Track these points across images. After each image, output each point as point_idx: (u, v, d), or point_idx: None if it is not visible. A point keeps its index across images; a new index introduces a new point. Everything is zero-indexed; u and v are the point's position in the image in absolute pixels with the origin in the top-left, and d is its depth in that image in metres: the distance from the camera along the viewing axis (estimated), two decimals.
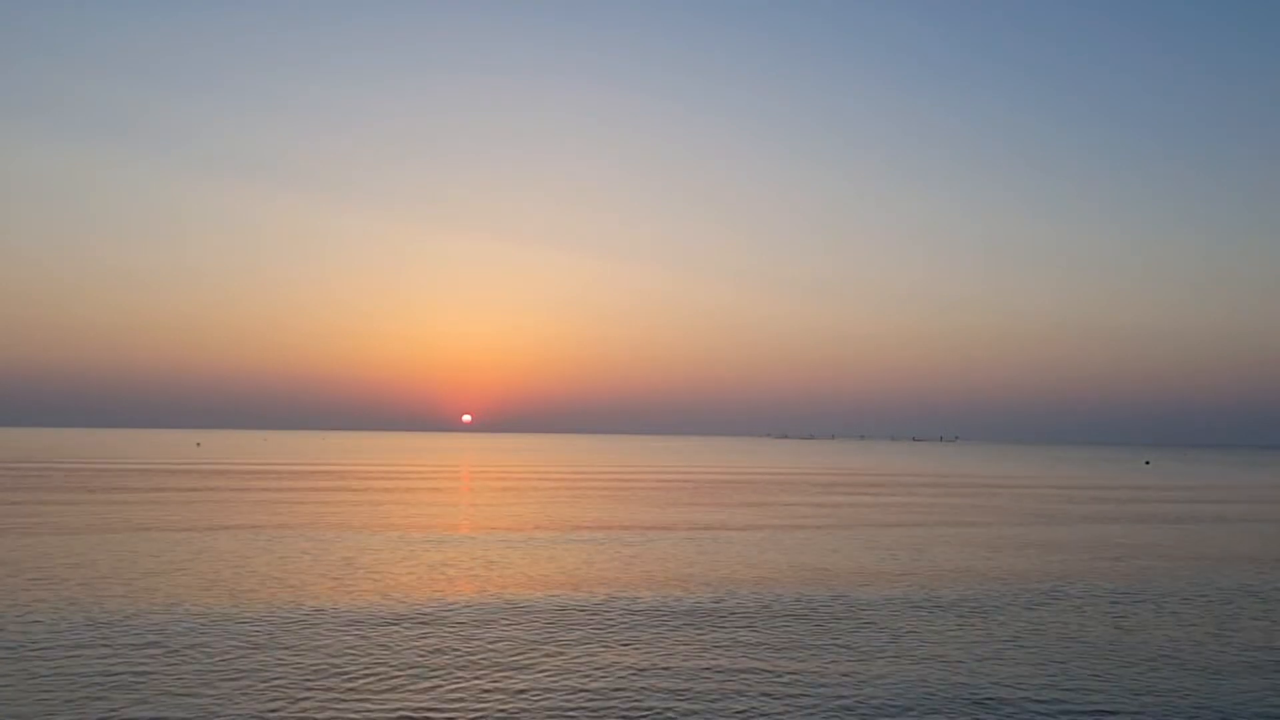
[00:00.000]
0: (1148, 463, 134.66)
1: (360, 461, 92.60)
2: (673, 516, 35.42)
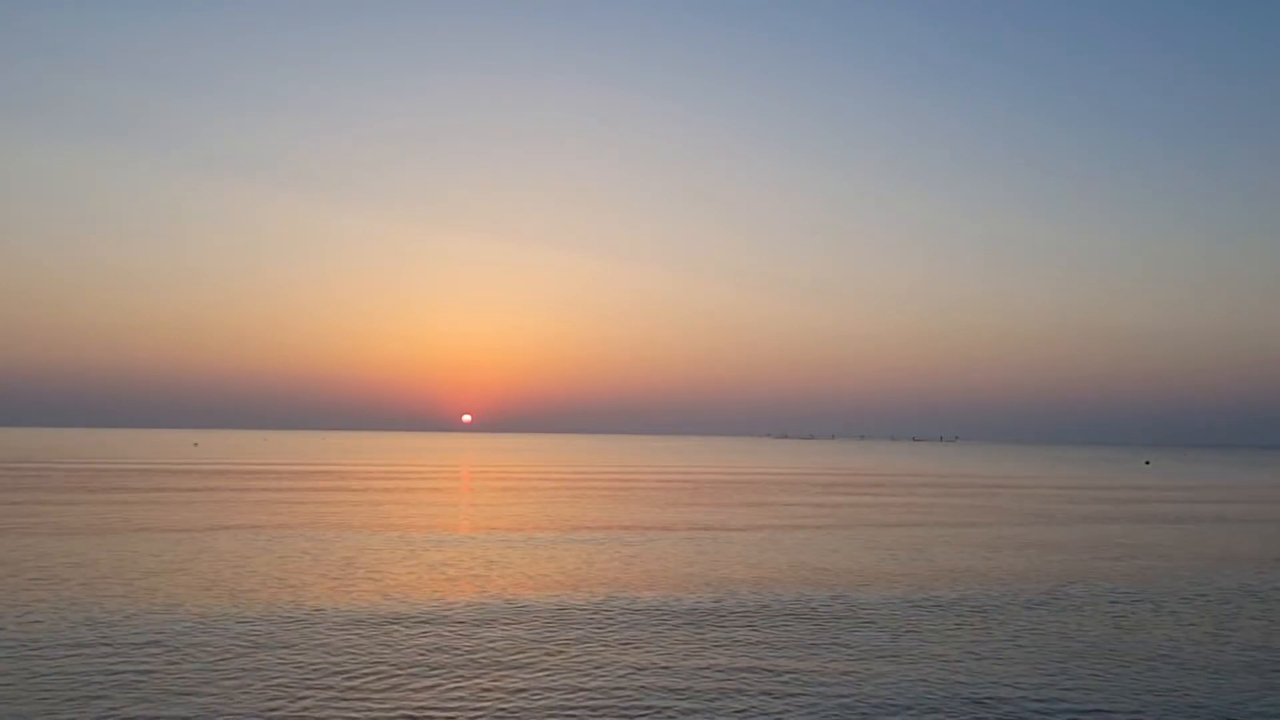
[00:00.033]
0: (1148, 463, 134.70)
1: (360, 461, 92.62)
2: (673, 516, 35.44)
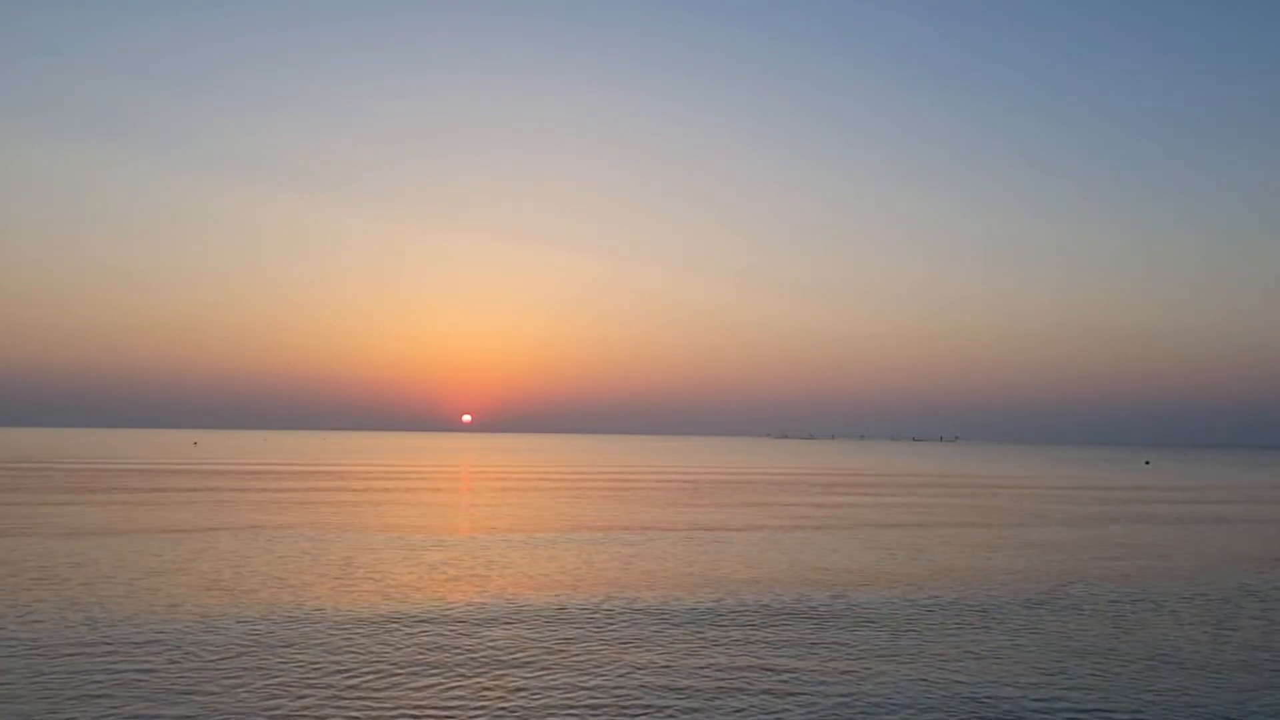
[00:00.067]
0: (1148, 463, 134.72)
1: (360, 461, 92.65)
2: (673, 517, 35.46)
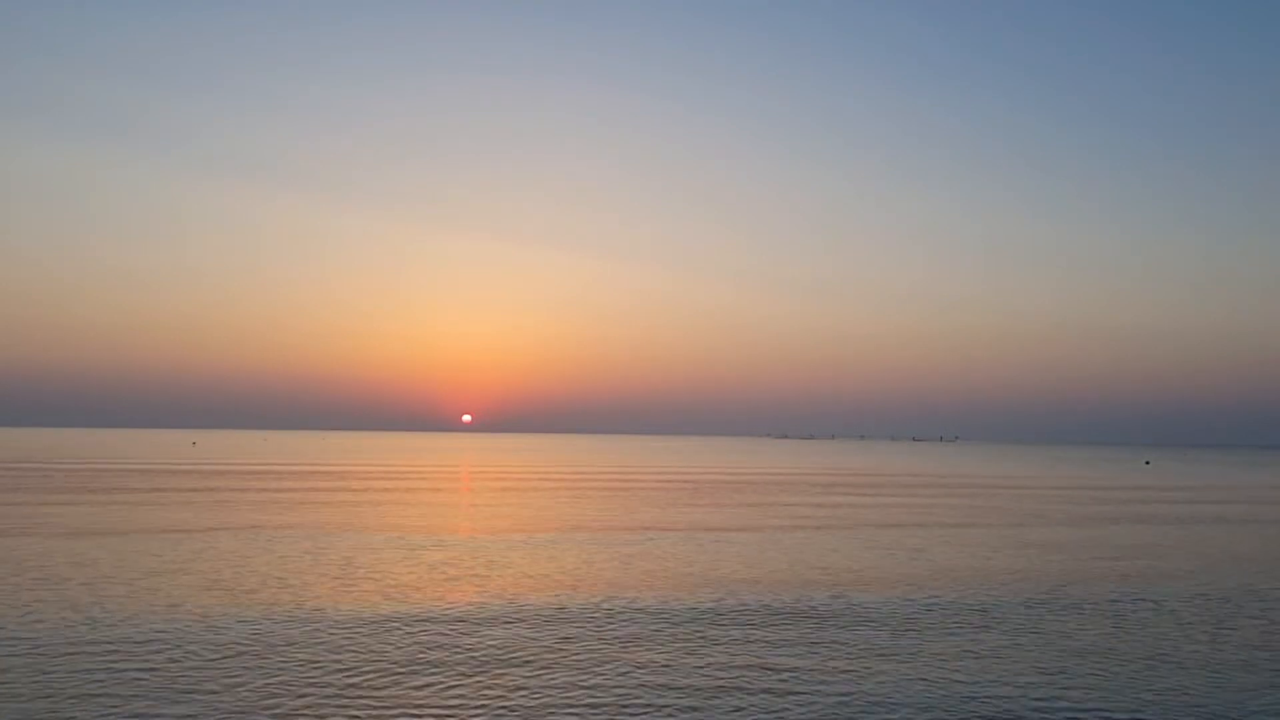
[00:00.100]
0: (1148, 463, 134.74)
1: (360, 461, 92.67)
2: (673, 517, 35.47)
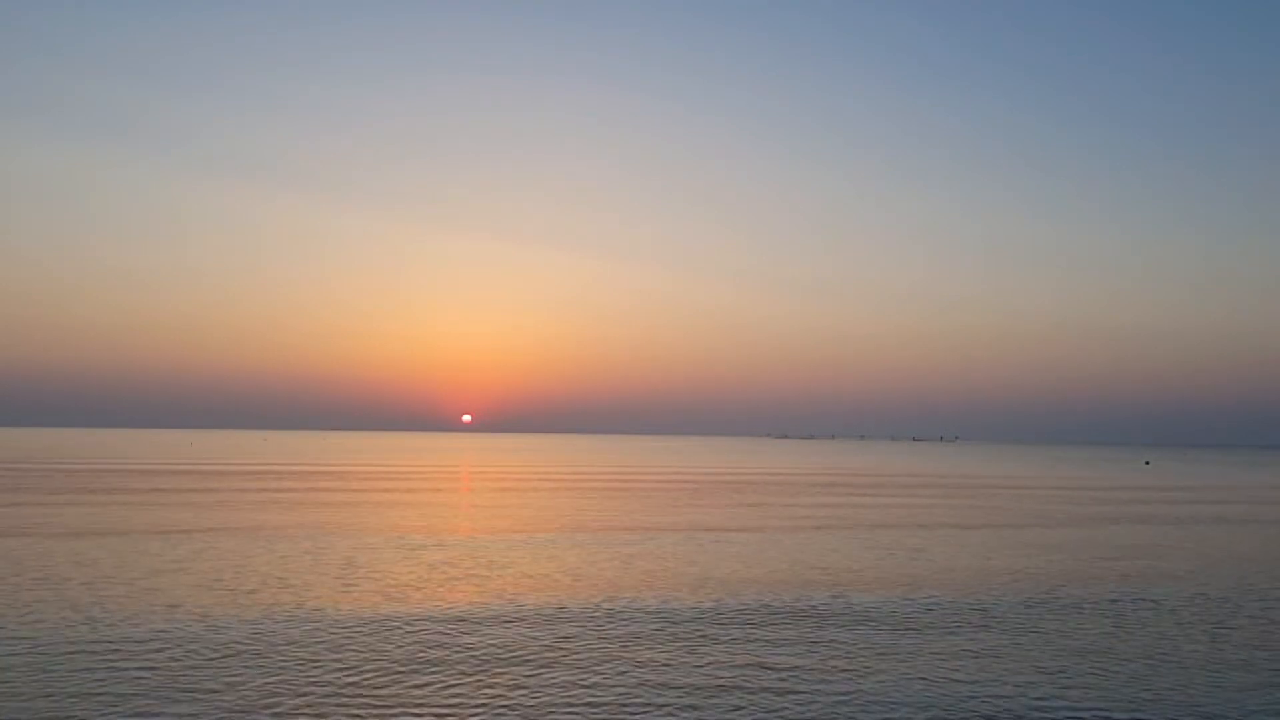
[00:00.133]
0: (1148, 463, 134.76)
1: (360, 461, 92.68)
2: (673, 517, 35.48)
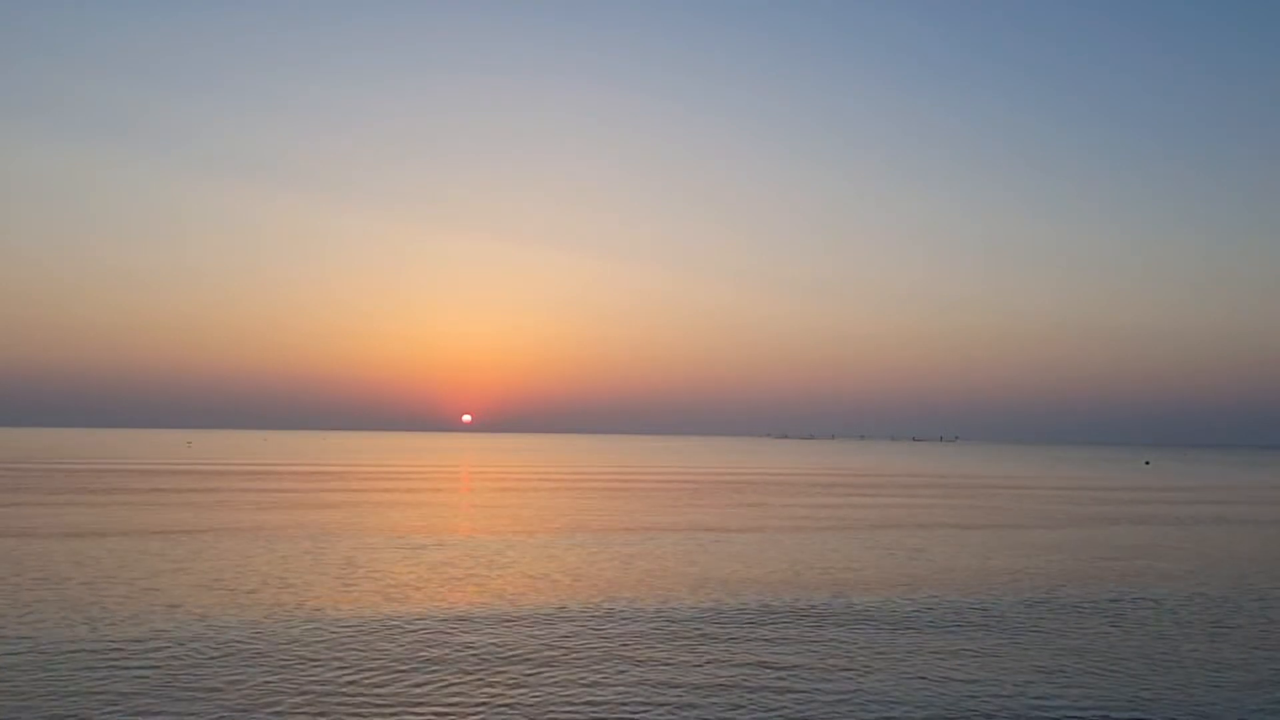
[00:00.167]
0: (1148, 463, 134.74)
1: (360, 461, 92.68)
2: (673, 517, 35.48)
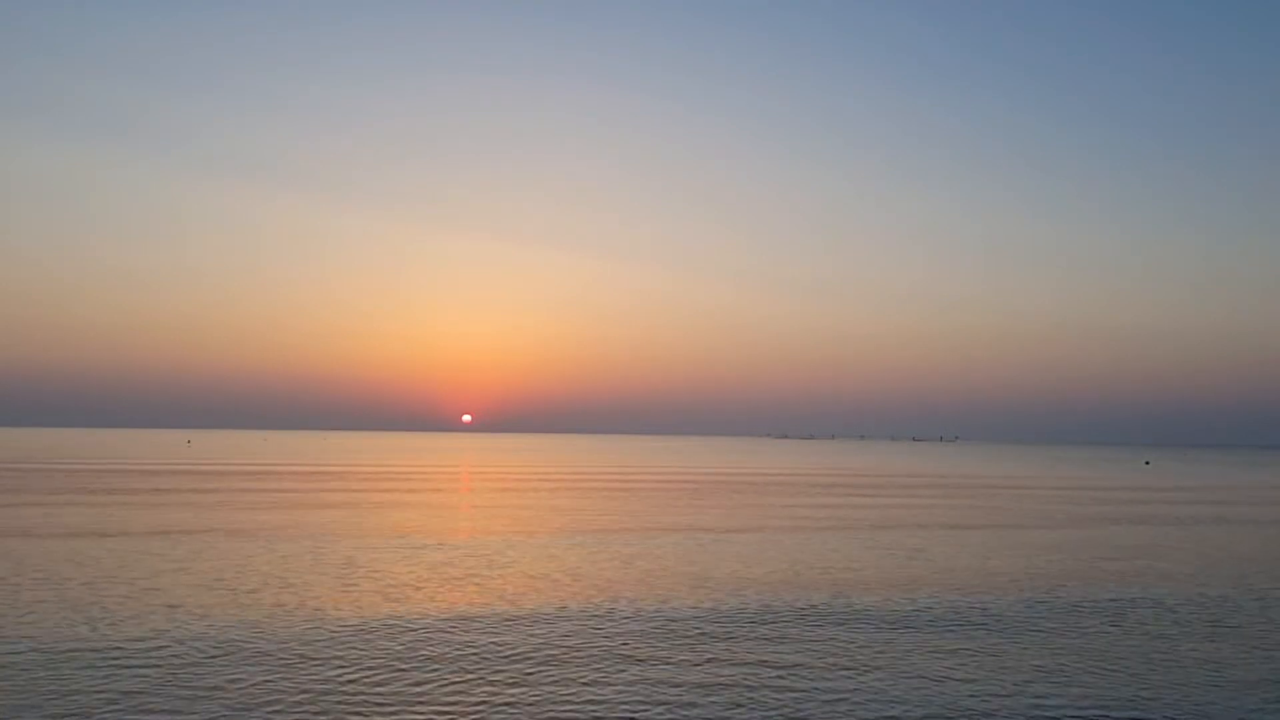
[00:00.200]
0: (1148, 463, 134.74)
1: (360, 462, 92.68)
2: (673, 517, 35.49)
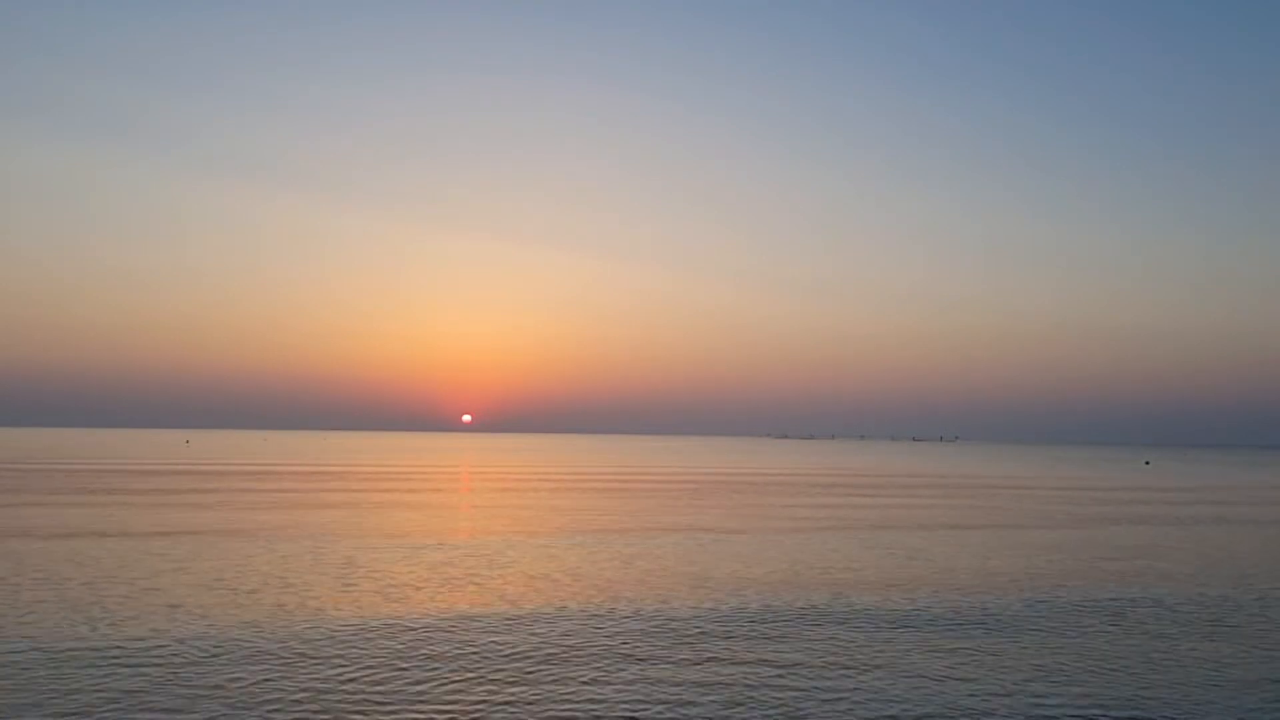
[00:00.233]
0: (1148, 463, 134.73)
1: (360, 462, 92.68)
2: (673, 517, 35.49)
